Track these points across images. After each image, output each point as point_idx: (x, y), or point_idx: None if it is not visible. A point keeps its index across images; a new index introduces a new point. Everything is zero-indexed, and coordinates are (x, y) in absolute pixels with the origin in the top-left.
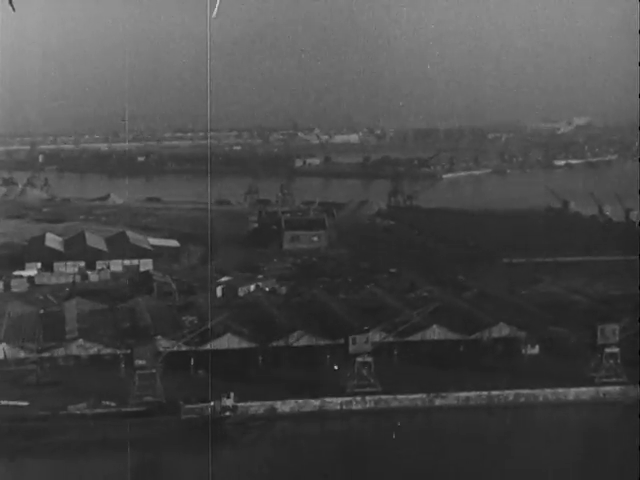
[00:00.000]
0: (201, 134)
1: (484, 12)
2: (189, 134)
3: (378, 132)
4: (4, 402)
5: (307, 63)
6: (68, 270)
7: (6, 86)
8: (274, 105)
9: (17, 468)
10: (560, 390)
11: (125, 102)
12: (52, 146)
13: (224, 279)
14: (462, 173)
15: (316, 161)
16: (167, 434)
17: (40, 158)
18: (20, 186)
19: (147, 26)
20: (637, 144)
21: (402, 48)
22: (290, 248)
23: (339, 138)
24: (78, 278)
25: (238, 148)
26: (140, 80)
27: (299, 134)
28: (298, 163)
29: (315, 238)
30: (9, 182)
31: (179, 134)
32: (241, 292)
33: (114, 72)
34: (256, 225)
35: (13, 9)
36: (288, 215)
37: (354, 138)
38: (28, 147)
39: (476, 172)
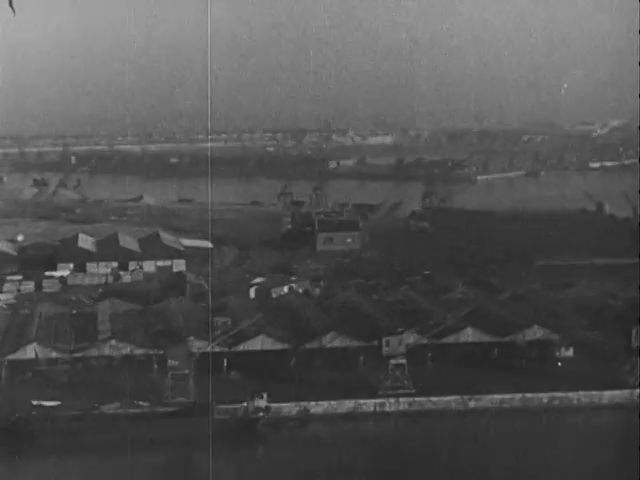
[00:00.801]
0: (234, 136)
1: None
2: (222, 135)
3: (412, 134)
4: (36, 402)
5: (340, 64)
6: (101, 271)
7: (37, 89)
8: (307, 107)
9: (48, 467)
10: (594, 393)
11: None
12: (84, 147)
13: (257, 280)
14: (496, 175)
15: (350, 163)
16: (199, 435)
17: (72, 159)
18: (52, 187)
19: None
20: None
21: (437, 49)
22: (324, 249)
23: (373, 140)
24: (111, 279)
25: (272, 149)
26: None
27: (333, 136)
28: (332, 165)
29: (349, 240)
30: (40, 183)
31: (212, 135)
32: (274, 293)
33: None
34: (290, 226)
35: (14, 12)
36: (322, 216)
37: (388, 140)
38: (60, 148)
39: (510, 174)
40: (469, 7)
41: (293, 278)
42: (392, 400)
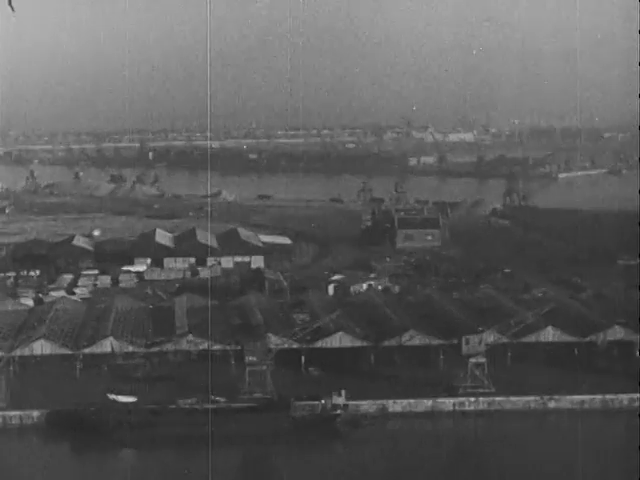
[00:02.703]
0: (314, 132)
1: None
2: (302, 132)
3: (493, 131)
4: (112, 396)
5: (421, 61)
6: (178, 266)
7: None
8: (388, 103)
9: (124, 460)
10: None
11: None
12: (162, 143)
13: (336, 277)
14: (578, 173)
15: (430, 160)
16: (276, 430)
17: (150, 155)
18: (129, 183)
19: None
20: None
21: (515, 45)
22: (403, 247)
23: (453, 136)
24: (188, 274)
25: (352, 146)
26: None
27: (413, 132)
28: (412, 162)
29: (429, 237)
30: (118, 179)
31: (291, 132)
32: (353, 290)
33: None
34: (369, 223)
35: (12, 10)
36: (402, 214)
37: (469, 137)
38: (138, 144)
39: (592, 172)
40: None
41: (372, 275)
42: (471, 399)
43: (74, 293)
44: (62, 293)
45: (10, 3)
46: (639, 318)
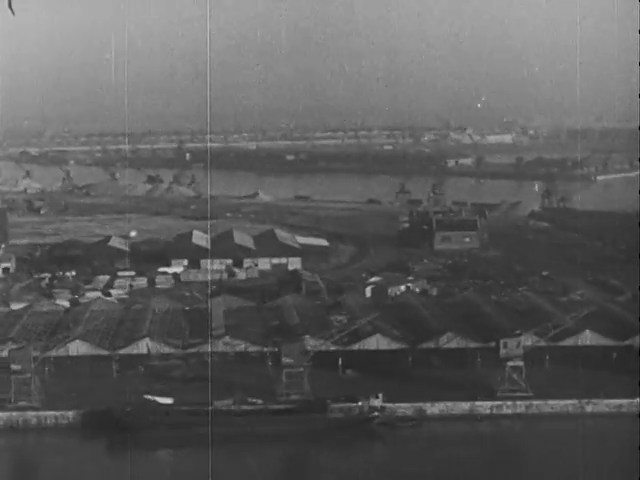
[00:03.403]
0: (351, 133)
1: None
2: (339, 133)
3: (531, 132)
4: (149, 397)
5: (462, 62)
6: (215, 267)
7: (150, 87)
8: (425, 104)
9: (160, 460)
10: None
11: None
12: (199, 144)
13: (374, 279)
14: (616, 175)
15: (468, 161)
16: (313, 432)
17: (187, 156)
18: (166, 184)
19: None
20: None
21: (554, 47)
22: (441, 249)
23: (492, 138)
24: (225, 275)
25: (389, 147)
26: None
27: (451, 134)
28: (450, 163)
29: (467, 239)
30: (155, 180)
31: (329, 133)
32: (391, 292)
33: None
34: (407, 225)
35: (12, 13)
36: (440, 215)
37: (507, 138)
38: (175, 145)
39: (631, 174)
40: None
41: (410, 277)
42: (509, 402)
43: (110, 294)
44: (98, 294)
45: (10, 6)
46: None
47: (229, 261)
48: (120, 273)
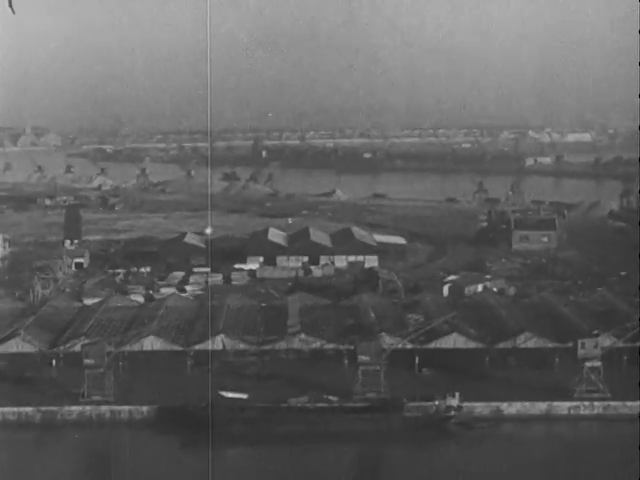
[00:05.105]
0: (429, 131)
1: None
2: (417, 131)
3: (611, 131)
4: (224, 393)
5: (542, 59)
6: (291, 264)
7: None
8: (505, 103)
9: (235, 456)
10: None
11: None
12: (276, 142)
13: (451, 278)
14: None
15: (547, 160)
16: (389, 431)
17: (263, 153)
18: (242, 181)
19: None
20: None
21: (630, 44)
22: (519, 248)
23: (571, 137)
24: (301, 273)
25: (468, 146)
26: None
27: (530, 132)
28: (529, 162)
29: (545, 239)
30: (231, 177)
31: (407, 131)
32: (468, 291)
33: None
34: (485, 224)
35: (13, 12)
36: (518, 214)
37: (586, 137)
38: (251, 142)
39: None
40: None
41: (488, 276)
42: (586, 403)
43: (185, 290)
44: (172, 290)
45: (10, 5)
46: None
47: (305, 258)
48: (195, 269)
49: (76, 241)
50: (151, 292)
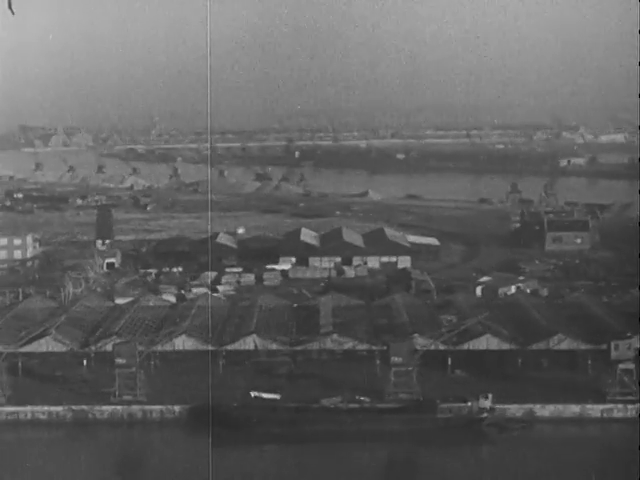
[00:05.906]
0: (463, 132)
1: None
2: (451, 132)
3: None
4: (256, 393)
5: (574, 60)
6: (323, 265)
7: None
8: (538, 104)
9: (268, 456)
10: None
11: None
12: (309, 142)
13: (484, 279)
14: None
15: (580, 161)
16: (422, 432)
17: (296, 154)
18: (275, 181)
19: None
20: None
21: None
22: (552, 249)
23: (605, 137)
24: (334, 273)
25: (501, 146)
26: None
27: (563, 133)
28: (562, 162)
29: (578, 240)
30: (264, 177)
31: (440, 132)
32: (501, 292)
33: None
34: (518, 225)
35: (12, 13)
36: (551, 215)
37: (619, 137)
38: (284, 143)
39: None
40: None
41: (521, 277)
42: (619, 406)
43: (217, 290)
44: (204, 290)
45: (10, 6)
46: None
47: (338, 259)
48: (228, 269)
49: (108, 241)
50: (183, 292)
